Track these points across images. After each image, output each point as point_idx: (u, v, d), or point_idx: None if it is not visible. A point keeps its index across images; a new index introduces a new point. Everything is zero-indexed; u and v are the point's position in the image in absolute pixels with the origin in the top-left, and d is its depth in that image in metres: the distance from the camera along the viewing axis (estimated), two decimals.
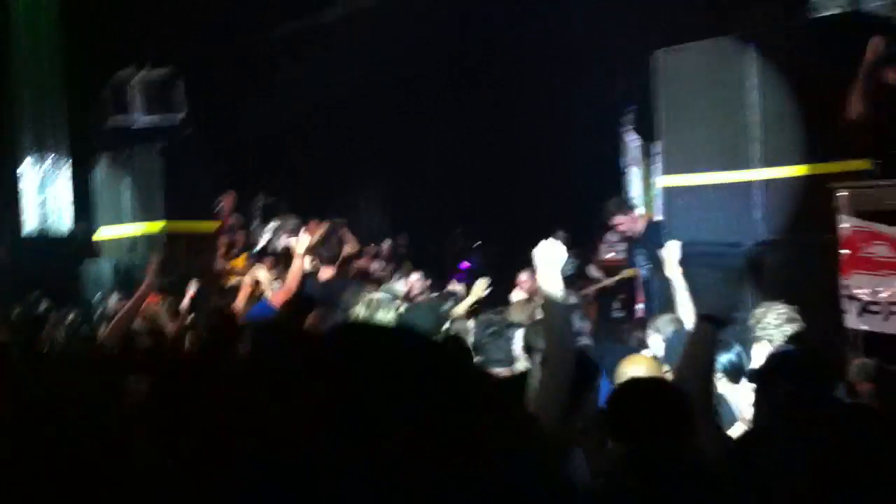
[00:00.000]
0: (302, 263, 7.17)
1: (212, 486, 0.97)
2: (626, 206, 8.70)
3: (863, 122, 5.68)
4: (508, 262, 11.31)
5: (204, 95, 11.99)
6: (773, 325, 4.76)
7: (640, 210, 10.49)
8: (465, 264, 11.52)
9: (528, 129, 12.29)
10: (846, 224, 5.39)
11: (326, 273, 8.32)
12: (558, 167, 11.90)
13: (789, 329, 4.72)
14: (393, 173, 14.22)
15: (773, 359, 3.55)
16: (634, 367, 4.06)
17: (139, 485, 2.43)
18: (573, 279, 10.03)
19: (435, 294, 8.36)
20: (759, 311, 4.89)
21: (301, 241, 7.28)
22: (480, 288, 7.52)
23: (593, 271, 10.09)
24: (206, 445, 1.06)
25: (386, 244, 10.77)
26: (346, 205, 13.71)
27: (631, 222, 8.38)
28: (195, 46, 12.05)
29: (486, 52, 12.34)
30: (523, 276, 7.97)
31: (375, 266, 10.53)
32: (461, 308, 7.15)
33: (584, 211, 11.44)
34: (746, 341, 4.64)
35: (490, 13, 11.92)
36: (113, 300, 8.12)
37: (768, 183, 6.85)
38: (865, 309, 5.07)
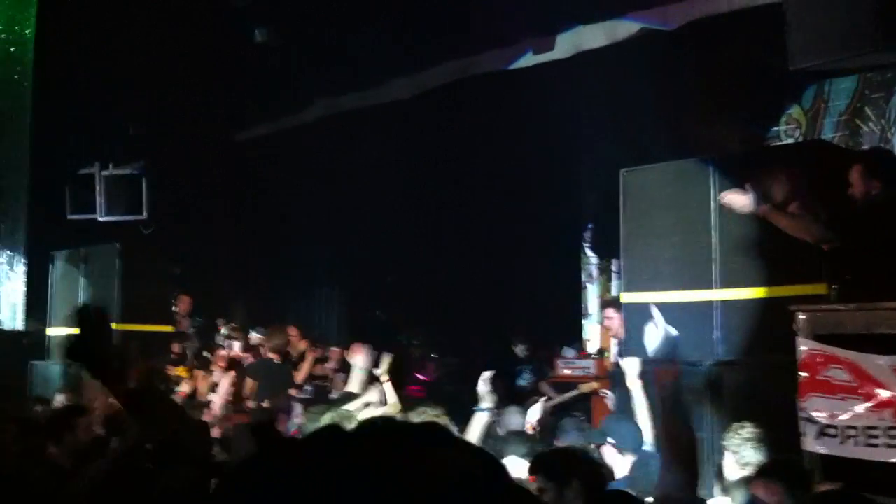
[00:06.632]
0: None
1: None
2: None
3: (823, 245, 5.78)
4: (466, 374, 11.24)
5: (167, 197, 11.95)
6: (742, 440, 5.07)
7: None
8: (421, 376, 11.40)
9: (489, 242, 12.34)
10: (804, 347, 5.38)
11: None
12: (518, 282, 11.93)
13: (756, 450, 5.02)
14: (352, 281, 14.17)
15: None
16: None
17: None
18: (528, 395, 9.96)
19: None
20: (735, 424, 5.25)
21: None
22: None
23: (546, 388, 9.99)
24: None
25: (335, 350, 10.62)
26: (305, 314, 13.63)
27: (619, 323, 8.08)
28: (161, 147, 12.05)
29: (453, 164, 12.46)
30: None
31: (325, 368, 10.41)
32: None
33: (543, 326, 11.42)
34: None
35: (462, 128, 12.09)
36: (59, 400, 7.92)
37: (727, 304, 6.88)
38: (823, 432, 5.04)
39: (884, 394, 4.87)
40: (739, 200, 5.85)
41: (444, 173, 12.57)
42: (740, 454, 4.99)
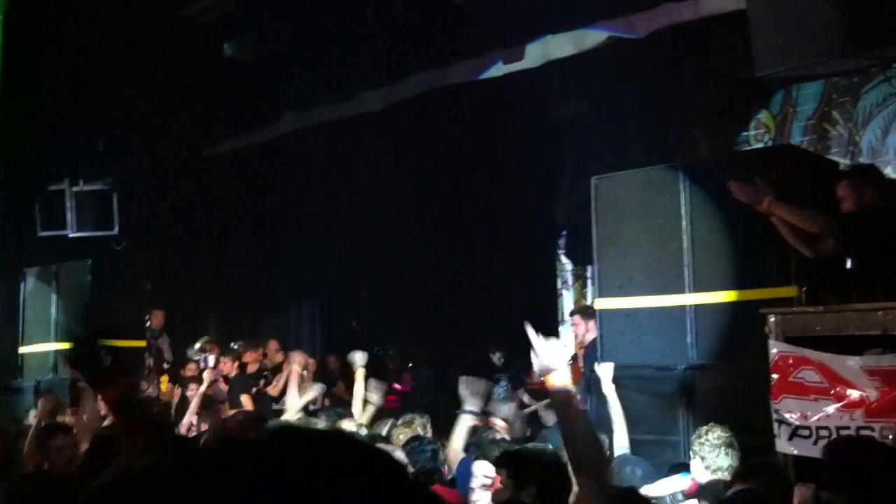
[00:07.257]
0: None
1: None
2: (587, 313, 8.52)
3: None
4: (441, 385, 11.24)
5: (138, 212, 11.88)
6: (711, 446, 5.09)
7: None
8: (397, 386, 11.38)
9: (465, 250, 12.34)
10: (776, 349, 5.43)
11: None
12: (494, 290, 11.93)
13: (725, 455, 5.04)
14: (327, 294, 14.14)
15: None
16: None
17: None
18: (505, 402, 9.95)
19: None
20: (703, 428, 5.29)
21: None
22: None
23: (523, 396, 10.02)
24: None
25: (310, 363, 10.62)
26: (280, 326, 13.58)
27: (584, 330, 8.28)
28: (132, 162, 11.98)
29: (427, 175, 12.46)
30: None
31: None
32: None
33: (520, 334, 11.43)
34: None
35: (435, 138, 12.09)
36: (31, 415, 7.86)
37: (699, 308, 6.92)
38: (795, 433, 5.08)
39: (854, 394, 4.92)
40: (744, 192, 5.85)
41: (417, 184, 12.57)
42: (709, 459, 5.02)
